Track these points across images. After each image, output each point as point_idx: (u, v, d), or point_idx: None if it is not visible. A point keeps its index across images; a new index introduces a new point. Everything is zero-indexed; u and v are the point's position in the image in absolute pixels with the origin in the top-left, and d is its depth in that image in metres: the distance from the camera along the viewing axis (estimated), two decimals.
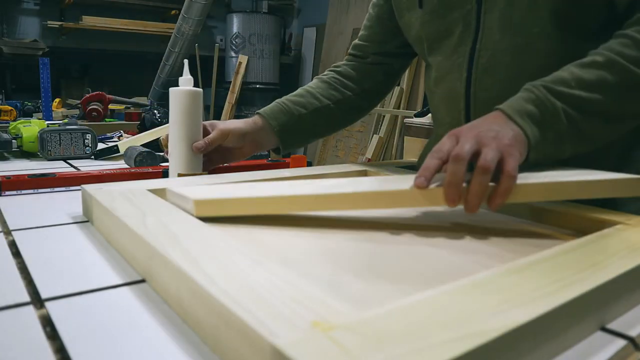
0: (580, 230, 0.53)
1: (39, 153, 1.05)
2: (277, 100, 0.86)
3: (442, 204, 0.50)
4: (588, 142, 0.57)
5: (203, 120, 0.77)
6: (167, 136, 0.77)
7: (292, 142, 0.85)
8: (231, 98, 3.99)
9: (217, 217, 0.53)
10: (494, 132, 0.52)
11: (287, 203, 0.53)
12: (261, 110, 0.84)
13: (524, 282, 0.34)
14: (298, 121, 0.84)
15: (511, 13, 0.65)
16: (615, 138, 0.60)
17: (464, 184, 0.49)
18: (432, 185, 0.50)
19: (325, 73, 0.92)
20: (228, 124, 0.80)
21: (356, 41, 0.93)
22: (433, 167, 0.50)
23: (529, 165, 0.56)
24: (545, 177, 0.52)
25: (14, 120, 1.70)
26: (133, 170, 0.82)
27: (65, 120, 1.73)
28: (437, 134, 0.83)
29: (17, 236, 0.51)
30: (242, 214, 0.53)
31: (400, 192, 0.51)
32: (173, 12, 4.08)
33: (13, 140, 1.07)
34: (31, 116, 2.06)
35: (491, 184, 0.49)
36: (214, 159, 0.81)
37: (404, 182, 0.53)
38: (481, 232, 0.52)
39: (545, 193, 0.51)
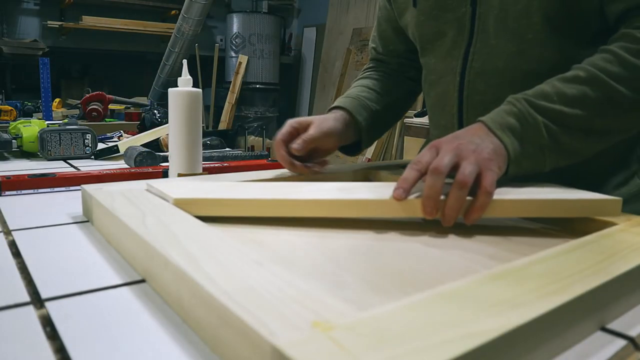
0: (581, 230, 0.53)
1: (39, 153, 1.05)
2: (349, 95, 0.80)
3: (419, 215, 0.51)
4: (568, 157, 0.57)
5: (203, 121, 0.77)
6: (167, 136, 0.77)
7: (371, 138, 0.81)
8: (231, 98, 3.99)
9: (217, 217, 0.53)
10: (474, 145, 0.52)
11: (269, 206, 0.53)
12: (343, 104, 0.77)
13: (524, 282, 0.34)
14: (375, 117, 0.80)
15: (506, 18, 0.65)
16: (596, 152, 0.60)
17: (442, 197, 0.50)
18: (411, 197, 0.51)
19: (363, 75, 0.89)
20: (323, 122, 0.71)
21: (374, 48, 0.92)
22: (411, 179, 0.51)
23: (508, 179, 0.56)
24: (522, 193, 0.53)
25: (14, 120, 1.70)
26: (133, 170, 0.82)
27: (65, 120, 1.73)
28: (432, 134, 0.83)
29: (17, 236, 0.51)
30: (222, 214, 0.53)
31: (379, 202, 0.52)
32: (173, 12, 4.09)
33: (13, 140, 1.07)
34: (31, 116, 2.06)
35: (469, 198, 0.50)
36: (301, 158, 0.71)
37: (386, 191, 0.53)
38: (481, 232, 0.52)
39: (522, 210, 0.52)
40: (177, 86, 0.74)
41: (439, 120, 0.78)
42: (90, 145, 1.08)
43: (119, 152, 1.07)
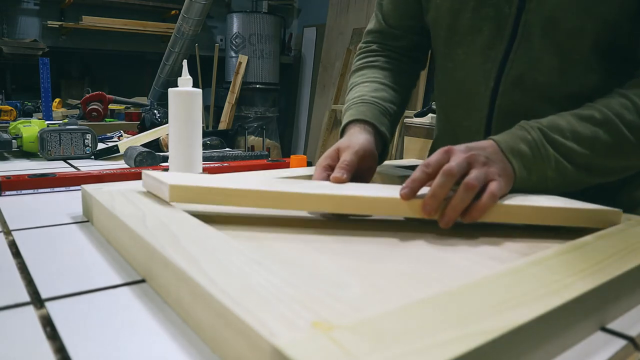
0: (580, 230, 0.53)
1: (39, 153, 1.05)
2: (366, 100, 0.74)
3: (419, 215, 0.51)
4: (567, 188, 0.58)
5: (203, 121, 0.76)
6: (167, 136, 0.77)
7: (389, 142, 0.76)
8: (231, 98, 3.99)
9: (217, 217, 0.53)
10: (485, 159, 0.53)
11: (267, 198, 0.52)
12: (365, 117, 0.71)
13: (524, 282, 0.34)
14: (395, 119, 0.77)
15: (554, 33, 0.63)
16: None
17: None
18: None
19: (370, 62, 0.82)
20: (356, 145, 0.64)
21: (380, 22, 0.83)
22: (419, 180, 0.51)
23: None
24: (522, 200, 0.53)
25: (14, 120, 1.70)
26: (133, 170, 0.82)
27: (65, 120, 1.73)
28: (448, 131, 0.80)
29: (17, 236, 0.51)
30: (217, 204, 0.52)
31: (380, 199, 0.51)
32: (173, 12, 4.08)
33: (13, 140, 1.07)
34: (31, 116, 2.06)
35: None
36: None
37: (387, 190, 0.53)
38: (481, 232, 0.52)
39: (520, 216, 0.52)
40: (177, 86, 0.74)
41: (463, 119, 0.75)
42: (90, 145, 1.08)
43: (119, 152, 1.07)
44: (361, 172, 0.64)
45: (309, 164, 0.94)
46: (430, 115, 2.18)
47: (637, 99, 0.58)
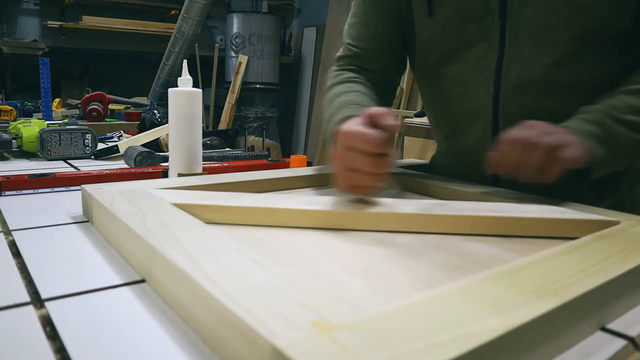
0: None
1: (39, 153, 1.05)
2: (355, 102, 0.69)
3: (414, 229, 0.52)
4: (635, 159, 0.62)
5: (203, 121, 0.76)
6: (167, 136, 0.77)
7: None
8: (231, 98, 3.99)
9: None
10: (570, 140, 0.55)
11: (264, 215, 0.52)
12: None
13: (524, 282, 0.34)
14: None
15: (540, 31, 0.64)
16: None
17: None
18: (409, 211, 0.52)
19: (351, 77, 0.78)
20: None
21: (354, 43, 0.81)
22: (508, 155, 0.55)
23: (512, 195, 0.61)
24: (521, 212, 0.53)
25: (14, 120, 1.70)
26: (133, 170, 0.82)
27: (65, 120, 1.73)
28: (452, 146, 0.80)
29: (17, 236, 0.51)
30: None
31: (372, 214, 0.52)
32: (173, 12, 4.08)
33: (13, 140, 1.07)
34: (31, 116, 2.06)
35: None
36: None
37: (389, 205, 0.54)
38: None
39: (519, 228, 0.52)
40: (177, 86, 0.74)
41: (464, 133, 0.75)
42: (90, 145, 1.08)
43: (119, 152, 1.07)
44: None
45: (309, 164, 0.94)
46: None
47: None
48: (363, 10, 0.79)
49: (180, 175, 0.74)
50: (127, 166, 0.94)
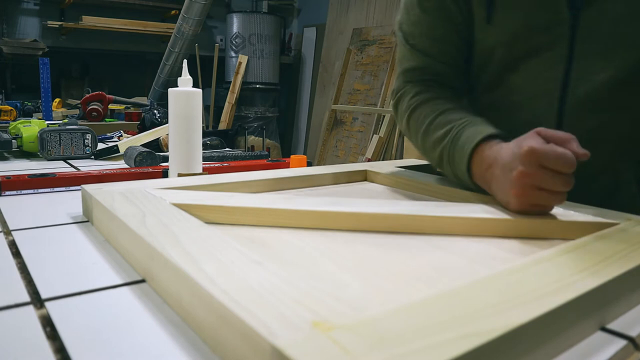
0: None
1: (39, 153, 1.05)
2: (478, 117, 0.65)
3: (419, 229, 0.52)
4: None
5: (203, 121, 0.76)
6: (167, 136, 0.77)
7: None
8: (231, 98, 3.99)
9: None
10: None
11: (279, 216, 0.53)
12: (498, 133, 0.61)
13: (524, 282, 0.34)
14: None
15: (615, 47, 0.62)
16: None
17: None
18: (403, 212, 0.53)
19: (442, 95, 0.72)
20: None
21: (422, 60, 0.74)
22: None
23: None
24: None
25: (14, 120, 1.70)
26: (133, 170, 0.82)
27: (65, 120, 1.74)
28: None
29: (17, 236, 0.51)
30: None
31: (376, 216, 0.52)
32: (173, 12, 4.08)
33: (13, 140, 1.07)
34: (31, 116, 2.06)
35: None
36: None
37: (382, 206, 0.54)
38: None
39: (520, 230, 0.52)
40: (177, 86, 0.74)
41: None
42: (90, 145, 1.08)
43: (119, 152, 1.07)
44: None
45: (309, 164, 0.94)
46: None
47: None
48: (426, 20, 0.73)
49: (180, 175, 0.74)
50: (127, 166, 0.94)
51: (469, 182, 0.62)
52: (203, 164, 0.79)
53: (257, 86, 4.12)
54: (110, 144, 1.12)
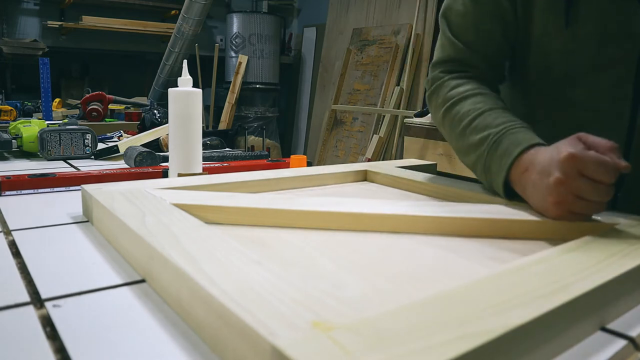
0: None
1: (39, 153, 1.05)
2: (517, 122, 0.61)
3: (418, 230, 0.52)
4: None
5: (203, 121, 0.76)
6: (167, 136, 0.77)
7: None
8: (231, 98, 3.99)
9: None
10: None
11: (278, 216, 0.53)
12: (539, 141, 0.58)
13: (524, 282, 0.34)
14: None
15: None
16: None
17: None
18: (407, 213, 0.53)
19: (478, 87, 0.69)
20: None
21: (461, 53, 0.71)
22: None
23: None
24: (521, 215, 0.53)
25: (14, 120, 1.70)
26: (133, 170, 0.82)
27: (65, 120, 1.73)
28: None
29: (17, 236, 0.51)
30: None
31: (376, 216, 0.52)
32: (173, 12, 4.08)
33: (13, 140, 1.07)
34: (31, 116, 2.06)
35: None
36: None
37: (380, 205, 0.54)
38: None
39: (520, 231, 0.52)
40: (177, 86, 0.74)
41: None
42: (90, 145, 1.08)
43: (119, 152, 1.07)
44: None
45: (309, 164, 0.94)
46: (429, 115, 2.18)
47: None
48: (474, 11, 0.69)
49: (180, 175, 0.74)
50: (127, 166, 0.94)
51: (503, 194, 0.59)
52: (203, 164, 0.79)
53: (257, 86, 4.12)
54: (110, 144, 1.12)
